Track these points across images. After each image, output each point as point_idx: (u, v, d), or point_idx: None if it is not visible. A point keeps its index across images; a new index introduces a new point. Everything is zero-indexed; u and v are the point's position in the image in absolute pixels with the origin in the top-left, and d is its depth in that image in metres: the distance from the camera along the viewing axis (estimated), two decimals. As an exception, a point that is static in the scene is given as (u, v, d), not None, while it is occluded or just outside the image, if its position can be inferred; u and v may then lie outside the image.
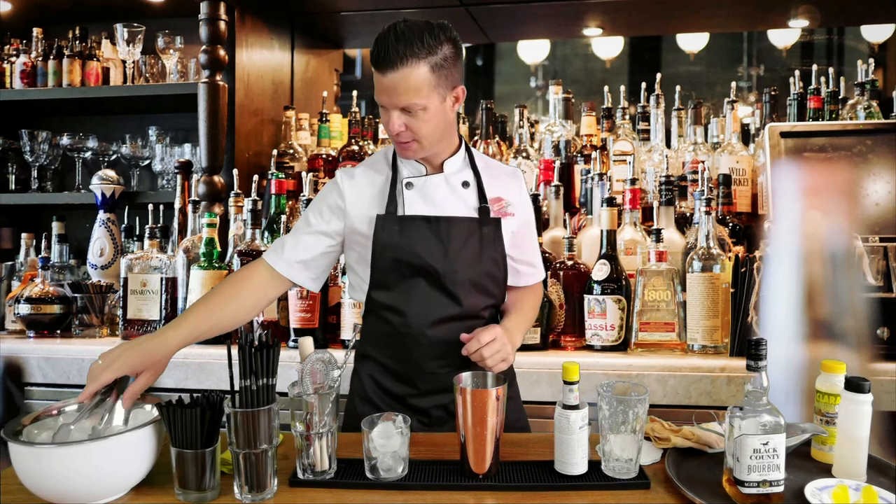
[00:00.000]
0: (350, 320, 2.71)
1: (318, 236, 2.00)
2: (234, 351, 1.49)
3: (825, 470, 1.57)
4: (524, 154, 3.35)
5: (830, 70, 3.28)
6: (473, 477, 1.55)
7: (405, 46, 1.75)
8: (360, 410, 1.99)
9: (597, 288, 2.66)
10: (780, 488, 1.37)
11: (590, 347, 2.69)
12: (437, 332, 1.94)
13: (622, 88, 3.42)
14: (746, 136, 3.41)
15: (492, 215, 1.98)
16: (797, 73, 3.30)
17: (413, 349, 1.95)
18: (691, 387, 2.43)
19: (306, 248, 1.99)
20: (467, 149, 2.04)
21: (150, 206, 3.26)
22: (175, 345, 1.80)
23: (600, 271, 2.66)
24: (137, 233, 3.48)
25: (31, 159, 3.62)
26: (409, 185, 1.98)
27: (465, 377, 1.62)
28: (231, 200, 3.10)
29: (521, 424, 2.11)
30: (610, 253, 2.68)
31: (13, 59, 3.66)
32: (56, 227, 3.51)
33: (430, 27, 1.80)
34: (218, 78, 3.29)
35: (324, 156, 3.52)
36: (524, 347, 2.61)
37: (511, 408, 2.08)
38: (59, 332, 3.10)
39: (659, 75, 3.34)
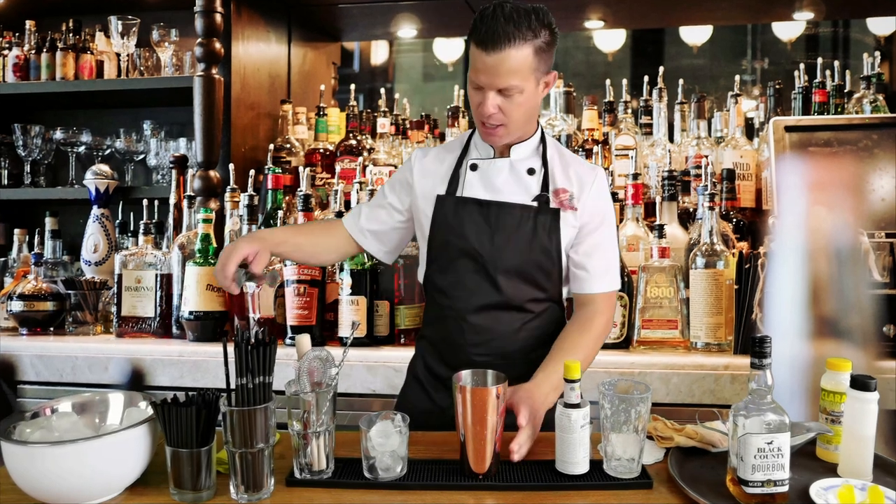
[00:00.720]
0: (348, 317, 2.70)
1: (389, 210, 2.10)
2: (231, 349, 1.49)
3: (830, 469, 1.56)
4: (525, 148, 3.34)
5: (836, 63, 3.28)
6: (473, 476, 1.55)
7: (514, 27, 1.78)
8: (410, 389, 2.10)
9: (598, 284, 2.65)
10: (785, 488, 1.37)
11: (591, 345, 2.68)
12: (479, 318, 1.95)
13: (624, 82, 3.41)
14: (750, 130, 3.41)
15: (552, 205, 1.96)
16: (802, 66, 3.30)
17: (456, 333, 1.98)
18: (694, 385, 2.43)
19: (378, 221, 2.12)
20: (542, 138, 2.04)
21: (145, 202, 3.25)
22: (280, 235, 2.10)
23: (602, 268, 2.65)
24: (132, 228, 3.47)
25: (23, 154, 3.62)
26: (473, 166, 2.01)
27: (465, 375, 1.62)
28: (227, 196, 3.10)
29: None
30: (612, 249, 2.67)
31: (5, 52, 3.65)
32: (49, 223, 3.50)
33: (536, 11, 1.83)
34: (214, 71, 3.28)
35: (321, 150, 3.51)
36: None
37: None
38: (52, 329, 3.10)
39: (662, 68, 3.33)
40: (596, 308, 1.98)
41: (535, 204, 1.95)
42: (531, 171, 1.99)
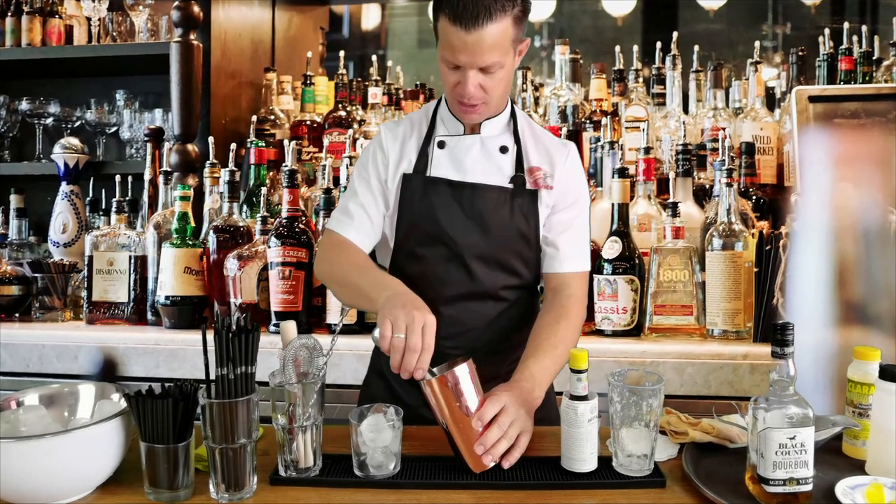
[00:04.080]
0: (337, 302, 2.69)
1: (376, 197, 1.98)
2: (210, 336, 1.48)
3: (858, 466, 1.57)
4: (528, 120, 3.33)
5: (863, 28, 3.25)
6: (472, 473, 1.54)
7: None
8: (373, 386, 2.04)
9: (607, 267, 2.65)
10: (809, 487, 1.37)
11: (600, 332, 2.68)
12: (451, 309, 1.93)
13: (635, 48, 3.39)
14: (771, 100, 3.39)
15: (528, 186, 1.95)
16: (827, 31, 3.28)
17: None
18: (711, 375, 2.43)
19: (372, 219, 1.98)
20: (513, 112, 2.02)
21: (118, 178, 3.23)
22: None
23: (611, 249, 2.65)
24: (104, 207, 3.46)
25: (-14, 126, 3.61)
26: (441, 144, 1.97)
27: (434, 372, 1.62)
28: (206, 171, 3.08)
29: (547, 416, 1.94)
30: (622, 229, 2.67)
31: (-34, 15, 3.63)
32: (14, 201, 3.49)
33: None
34: (192, 37, 3.26)
35: (308, 122, 3.49)
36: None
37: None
38: (17, 315, 3.10)
39: (675, 34, 3.31)
40: (570, 291, 1.97)
41: (511, 186, 1.94)
42: (504, 150, 1.97)
